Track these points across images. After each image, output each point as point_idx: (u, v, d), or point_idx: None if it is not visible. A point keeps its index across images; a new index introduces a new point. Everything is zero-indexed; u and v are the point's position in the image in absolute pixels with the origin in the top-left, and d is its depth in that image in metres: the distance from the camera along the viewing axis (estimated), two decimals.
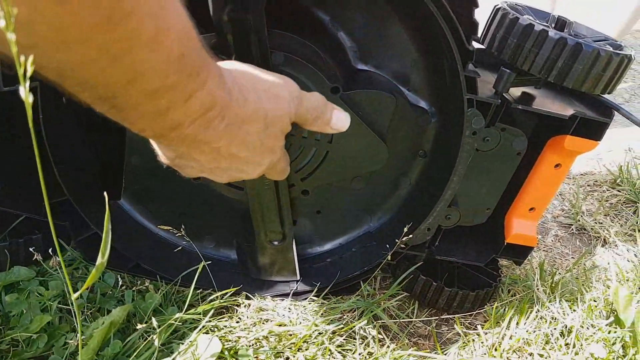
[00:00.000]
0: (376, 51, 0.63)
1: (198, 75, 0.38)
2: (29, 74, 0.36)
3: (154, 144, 0.48)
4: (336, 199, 0.72)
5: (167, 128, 0.40)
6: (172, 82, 0.36)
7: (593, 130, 0.64)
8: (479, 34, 0.64)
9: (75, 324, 0.60)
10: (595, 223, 1.00)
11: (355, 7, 0.60)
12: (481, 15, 0.60)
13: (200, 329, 0.60)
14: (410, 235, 0.68)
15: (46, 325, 0.61)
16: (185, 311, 0.62)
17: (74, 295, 0.42)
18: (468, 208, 0.69)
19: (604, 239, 0.95)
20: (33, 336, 0.59)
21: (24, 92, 0.35)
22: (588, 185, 1.15)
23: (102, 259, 0.44)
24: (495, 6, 0.64)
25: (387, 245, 0.70)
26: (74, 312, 0.61)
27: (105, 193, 0.51)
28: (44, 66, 0.32)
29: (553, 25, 0.65)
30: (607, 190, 1.11)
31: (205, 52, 0.40)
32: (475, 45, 0.60)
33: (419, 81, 0.64)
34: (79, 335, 0.49)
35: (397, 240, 0.67)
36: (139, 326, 0.56)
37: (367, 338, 0.65)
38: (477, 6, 0.56)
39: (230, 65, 0.48)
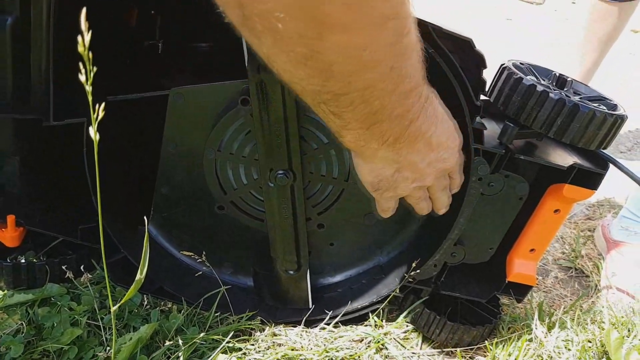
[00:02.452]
0: None
1: (424, 76, 0.49)
2: (100, 117, 0.42)
3: (370, 183, 0.59)
4: (349, 233, 0.77)
5: (405, 126, 0.50)
6: (415, 83, 0.47)
7: (590, 180, 0.69)
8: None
9: (104, 338, 0.65)
10: (594, 267, 1.04)
11: None
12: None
13: (219, 350, 0.64)
14: (418, 270, 0.72)
15: (76, 339, 0.66)
16: (206, 332, 0.67)
17: (114, 308, 0.47)
18: (472, 247, 0.74)
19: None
20: (64, 347, 0.64)
21: (93, 133, 0.41)
22: (589, 230, 1.19)
23: (140, 275, 0.49)
24: (501, 65, 0.70)
25: (396, 279, 0.75)
26: (103, 326, 0.66)
27: (145, 217, 0.56)
28: (346, 93, 0.43)
29: (554, 83, 0.71)
30: None
31: None
32: (482, 97, 0.67)
33: None
34: (113, 344, 0.54)
35: (405, 275, 0.72)
36: (166, 343, 0.61)
37: None
38: (485, 67, 0.63)
39: None
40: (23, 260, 0.73)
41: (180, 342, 0.61)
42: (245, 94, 0.64)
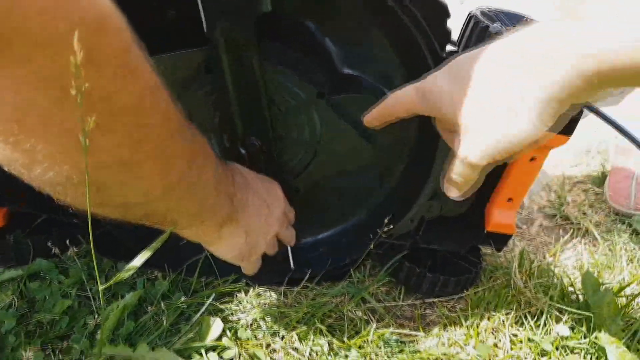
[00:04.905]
0: (360, 56, 0.68)
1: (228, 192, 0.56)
2: None
3: (235, 257, 0.63)
4: (325, 194, 0.78)
5: (229, 204, 0.56)
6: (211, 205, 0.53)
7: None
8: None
9: (94, 307, 0.67)
10: (579, 213, 1.05)
11: (339, 15, 0.65)
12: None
13: (203, 311, 0.67)
14: (396, 225, 0.74)
15: (67, 309, 0.68)
16: (191, 296, 0.69)
17: (121, 275, 0.49)
18: (449, 200, 0.75)
19: (586, 229, 1.00)
20: (56, 318, 0.67)
21: None
22: (576, 177, 1.19)
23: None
24: (469, 13, 0.69)
25: (375, 235, 0.76)
26: (92, 297, 0.69)
27: None
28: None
29: None
30: (594, 182, 1.16)
31: (225, 168, 0.56)
32: (450, 48, 0.66)
33: (401, 84, 0.70)
34: (105, 309, 0.56)
35: (378, 231, 0.73)
36: (150, 309, 0.63)
37: (354, 319, 0.71)
38: (449, 16, 0.62)
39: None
40: (11, 239, 0.75)
41: (163, 306, 0.63)
42: (208, 61, 0.63)
